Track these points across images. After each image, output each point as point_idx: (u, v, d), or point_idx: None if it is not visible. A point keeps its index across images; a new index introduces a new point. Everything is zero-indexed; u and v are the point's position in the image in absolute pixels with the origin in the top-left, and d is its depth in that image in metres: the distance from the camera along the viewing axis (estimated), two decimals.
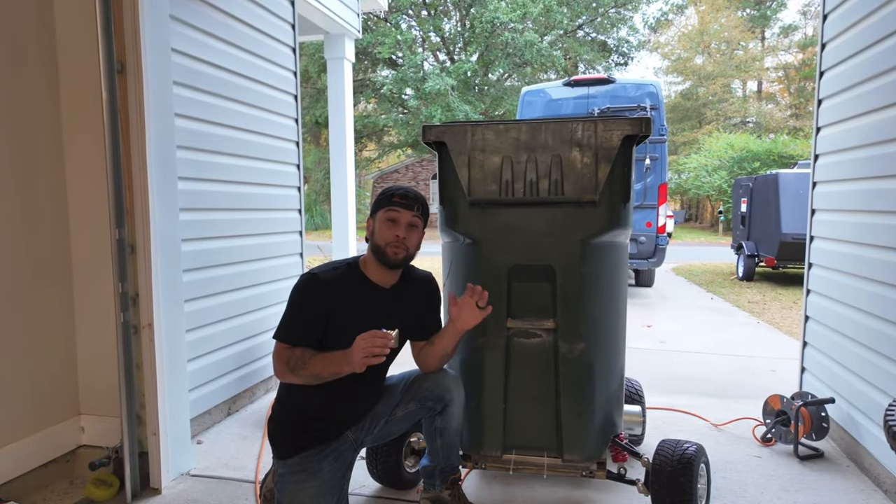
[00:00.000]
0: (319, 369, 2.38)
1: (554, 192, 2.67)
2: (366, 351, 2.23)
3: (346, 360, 2.31)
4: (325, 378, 2.40)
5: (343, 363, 2.32)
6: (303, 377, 2.41)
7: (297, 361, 2.40)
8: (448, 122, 2.77)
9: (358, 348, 2.25)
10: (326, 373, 2.38)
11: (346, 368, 2.32)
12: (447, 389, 2.66)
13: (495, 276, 2.75)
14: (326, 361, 2.38)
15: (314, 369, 2.39)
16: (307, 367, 2.39)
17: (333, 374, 2.38)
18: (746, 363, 6.00)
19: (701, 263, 16.07)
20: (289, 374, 2.42)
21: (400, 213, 2.54)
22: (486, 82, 29.70)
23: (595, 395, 2.79)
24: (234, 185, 4.13)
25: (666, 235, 9.76)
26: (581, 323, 2.73)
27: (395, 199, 2.55)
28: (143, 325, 3.15)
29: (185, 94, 3.59)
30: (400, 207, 2.54)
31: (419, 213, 2.58)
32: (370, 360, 2.24)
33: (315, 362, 2.39)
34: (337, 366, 2.35)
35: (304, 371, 2.39)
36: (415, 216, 2.56)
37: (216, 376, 4.02)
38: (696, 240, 26.68)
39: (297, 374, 2.41)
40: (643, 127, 2.61)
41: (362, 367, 2.26)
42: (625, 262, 2.95)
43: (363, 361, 2.24)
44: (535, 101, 10.05)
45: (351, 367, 2.29)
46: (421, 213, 2.59)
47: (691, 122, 39.99)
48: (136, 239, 3.12)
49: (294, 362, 2.40)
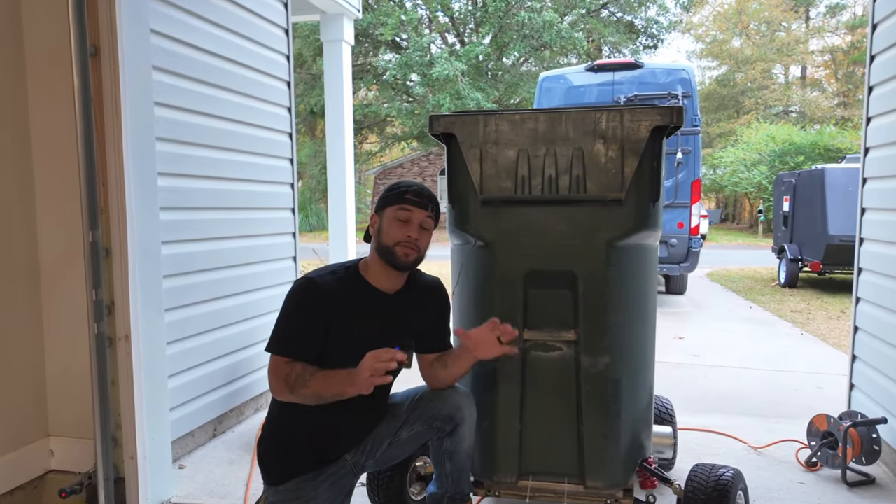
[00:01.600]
0: (321, 389, 2.37)
1: (575, 189, 2.66)
2: (374, 369, 2.22)
3: (350, 380, 2.30)
4: (326, 399, 2.39)
5: (347, 384, 2.32)
6: (302, 396, 2.41)
7: (296, 379, 2.39)
8: (458, 112, 2.78)
9: (366, 367, 2.25)
10: (329, 393, 2.37)
11: (351, 390, 2.32)
12: (457, 408, 2.65)
13: (510, 282, 2.75)
14: (330, 381, 2.37)
15: (315, 388, 2.37)
16: (308, 386, 2.38)
17: (336, 395, 2.37)
18: (789, 379, 5.97)
19: (738, 268, 16.02)
20: (287, 392, 2.41)
21: (412, 213, 2.53)
22: (499, 67, 29.72)
23: (621, 415, 2.77)
24: (220, 181, 4.14)
25: (699, 237, 9.75)
26: (605, 334, 2.72)
27: (407, 195, 2.55)
28: (119, 336, 3.15)
29: (165, 80, 3.60)
30: (413, 206, 2.54)
31: (432, 213, 2.58)
32: (377, 379, 2.23)
33: (317, 381, 2.38)
34: (340, 386, 2.34)
35: (305, 390, 2.39)
36: (428, 217, 2.56)
37: (200, 393, 4.02)
38: (732, 242, 26.62)
39: (296, 393, 2.40)
40: (674, 116, 2.60)
41: (369, 387, 2.26)
42: (654, 267, 2.94)
43: (370, 381, 2.24)
44: (554, 88, 10.06)
45: (356, 389, 2.29)
46: (434, 214, 2.59)
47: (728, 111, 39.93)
48: (111, 241, 3.12)
49: (294, 379, 2.39)
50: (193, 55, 3.83)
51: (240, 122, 4.32)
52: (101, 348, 3.10)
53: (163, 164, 3.53)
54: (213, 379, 4.14)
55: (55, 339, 3.39)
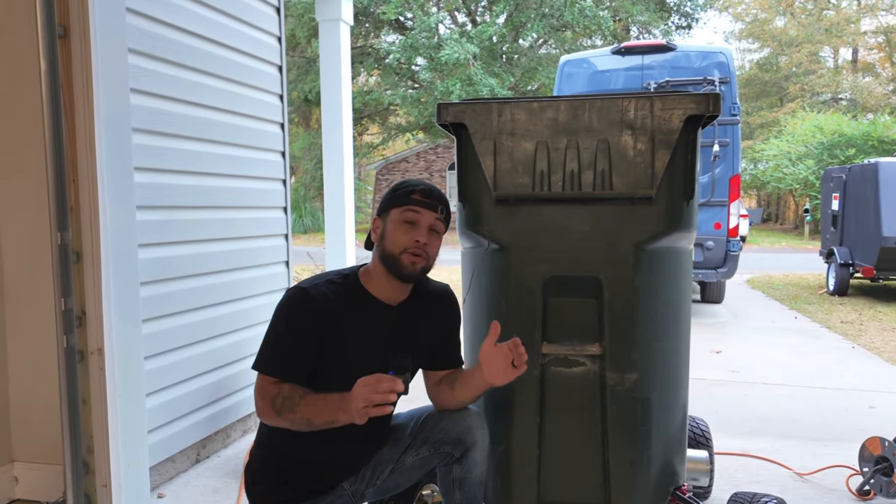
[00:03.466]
0: (311, 414, 2.37)
1: (600, 185, 2.65)
2: (368, 400, 2.21)
3: (344, 405, 2.29)
4: (317, 425, 2.39)
5: (340, 409, 2.31)
6: (290, 421, 2.41)
7: (284, 402, 2.39)
8: (469, 100, 2.78)
9: (358, 396, 2.23)
10: (320, 419, 2.37)
11: (344, 417, 2.31)
12: (468, 431, 2.62)
13: (527, 289, 2.74)
14: (321, 406, 2.36)
15: (305, 413, 2.37)
16: (296, 411, 2.38)
17: (329, 422, 2.37)
18: (838, 398, 5.94)
19: (782, 274, 15.98)
20: (274, 415, 2.42)
21: (421, 214, 2.52)
22: (515, 50, 29.76)
23: (651, 438, 2.77)
24: (204, 177, 4.14)
25: (739, 239, 9.73)
26: (633, 348, 2.71)
27: (415, 195, 2.53)
28: (91, 350, 3.15)
29: (143, 64, 3.60)
30: (421, 207, 2.52)
31: (443, 216, 2.57)
32: (373, 410, 2.22)
33: (306, 405, 2.37)
34: (332, 412, 2.34)
35: (293, 415, 2.39)
36: (438, 219, 2.55)
37: (182, 414, 4.02)
38: (775, 245, 26.61)
39: (283, 417, 2.40)
40: (711, 105, 2.59)
41: (363, 418, 2.25)
42: (688, 273, 2.94)
43: (364, 412, 2.23)
44: (576, 72, 10.08)
45: (349, 417, 2.28)
46: (444, 216, 2.58)
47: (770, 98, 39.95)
48: (82, 244, 3.12)
49: (281, 402, 2.39)
50: (174, 36, 3.84)
51: (226, 111, 4.33)
52: (71, 363, 3.10)
53: (140, 158, 3.54)
54: (196, 398, 4.13)
55: (19, 353, 3.40)
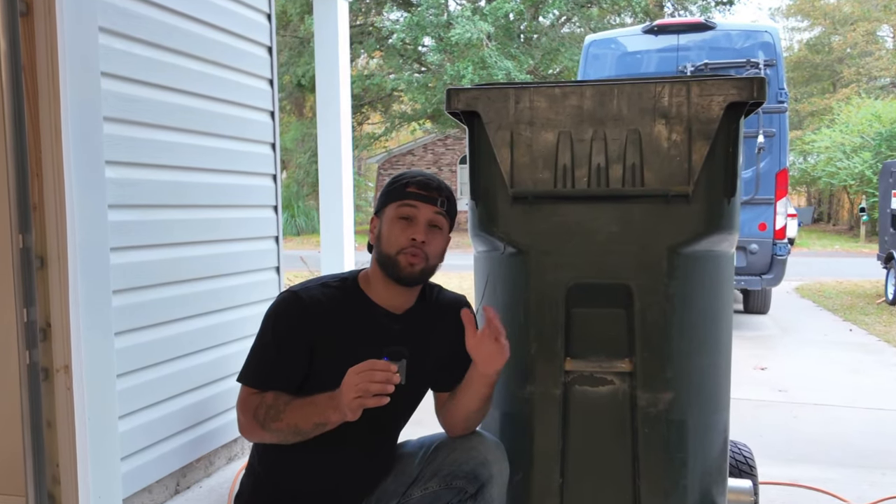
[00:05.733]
0: (298, 419, 2.37)
1: (630, 181, 2.65)
2: (360, 389, 2.19)
3: (333, 403, 2.29)
4: (306, 432, 2.38)
5: (329, 408, 2.31)
6: (277, 432, 2.41)
7: (267, 411, 2.40)
8: (483, 85, 2.79)
9: (349, 385, 2.22)
10: (308, 423, 2.37)
11: (335, 416, 2.30)
12: (484, 464, 2.60)
13: (548, 298, 2.73)
14: (307, 407, 2.36)
15: (291, 419, 2.37)
16: (281, 418, 2.38)
17: (318, 424, 2.36)
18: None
19: (835, 281, 15.98)
20: (258, 429, 2.42)
21: (417, 209, 2.52)
22: (535, 29, 29.80)
23: (688, 465, 2.76)
24: (184, 171, 4.15)
25: (786, 242, 9.75)
26: (668, 364, 2.71)
27: (410, 188, 2.54)
28: (57, 367, 3.15)
29: (115, 44, 3.60)
30: (417, 201, 2.52)
31: (444, 208, 2.56)
32: (366, 401, 2.20)
33: (292, 411, 2.38)
34: (322, 412, 2.33)
35: (278, 423, 2.39)
36: (438, 213, 2.54)
37: (159, 439, 4.02)
38: (828, 248, 26.56)
39: (268, 429, 2.41)
40: (755, 90, 2.59)
41: (356, 411, 2.23)
42: (729, 280, 2.94)
43: (357, 403, 2.21)
44: (603, 54, 10.12)
45: (340, 414, 2.27)
46: (446, 209, 2.57)
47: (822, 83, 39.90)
48: (46, 248, 3.12)
49: (264, 412, 2.40)
50: (150, 13, 3.84)
51: (208, 98, 4.34)
52: (35, 382, 3.11)
53: (112, 151, 3.55)
54: (175, 420, 4.13)
55: None
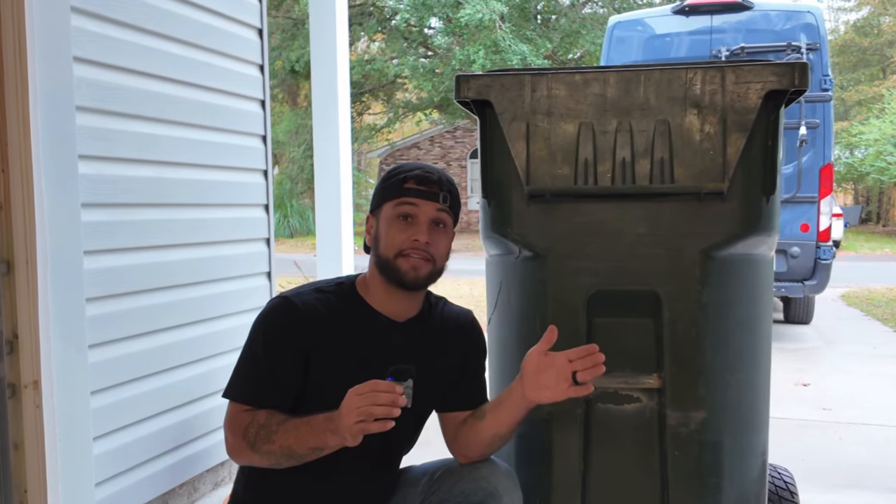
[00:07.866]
0: (293, 441, 2.34)
1: (659, 177, 2.66)
2: (361, 412, 2.15)
3: (332, 426, 2.26)
4: (301, 455, 2.36)
5: (328, 431, 2.27)
6: (268, 455, 2.38)
7: (258, 431, 2.37)
8: (495, 71, 2.78)
9: (350, 407, 2.17)
10: (303, 447, 2.34)
11: (333, 440, 2.27)
12: (492, 495, 2.57)
13: (568, 307, 2.74)
14: (303, 431, 2.33)
15: (284, 441, 2.34)
16: (274, 440, 2.35)
17: (314, 449, 2.34)
18: None
19: (885, 288, 15.88)
20: (247, 450, 2.40)
21: (418, 206, 2.49)
22: (553, 9, 29.76)
23: (722, 492, 2.76)
24: (165, 167, 4.13)
25: (831, 245, 9.67)
26: (700, 380, 2.71)
27: (408, 183, 2.50)
28: (25, 383, 3.15)
29: (88, 26, 3.58)
30: (417, 198, 2.49)
31: (447, 204, 2.54)
32: (369, 426, 2.16)
33: (285, 433, 2.34)
34: (318, 435, 2.30)
35: (270, 446, 2.36)
36: (441, 210, 2.52)
37: (138, 462, 3.99)
38: (877, 251, 26.43)
39: (259, 451, 2.38)
40: (796, 77, 2.58)
41: (357, 437, 2.19)
42: (768, 287, 2.94)
43: (358, 428, 2.16)
44: (629, 37, 10.11)
45: (340, 438, 2.24)
46: (450, 204, 2.55)
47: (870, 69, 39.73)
48: (13, 251, 3.12)
49: (255, 432, 2.37)
50: None
51: (192, 86, 4.31)
52: (0, 399, 3.12)
53: (85, 144, 3.53)
54: (155, 442, 4.11)
55: None
